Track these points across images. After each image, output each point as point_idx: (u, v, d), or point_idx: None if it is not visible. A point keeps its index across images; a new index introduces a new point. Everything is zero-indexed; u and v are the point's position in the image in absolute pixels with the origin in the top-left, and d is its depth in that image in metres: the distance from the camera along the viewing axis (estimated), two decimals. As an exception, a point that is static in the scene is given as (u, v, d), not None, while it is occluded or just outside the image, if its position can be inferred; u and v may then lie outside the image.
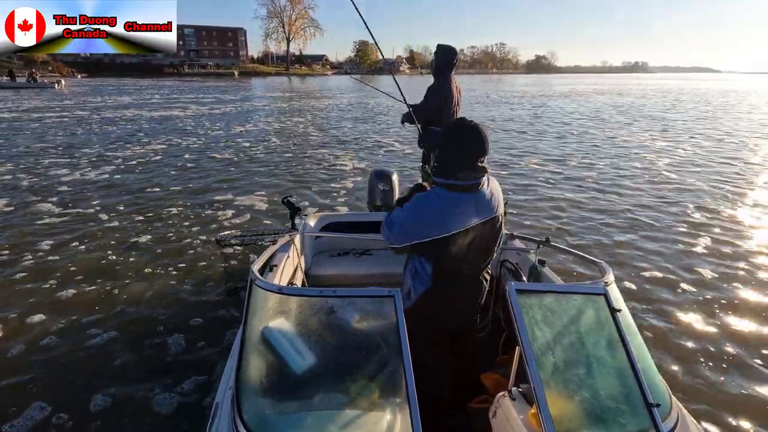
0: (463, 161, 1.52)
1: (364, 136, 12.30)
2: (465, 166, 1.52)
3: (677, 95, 33.20)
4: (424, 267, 1.65)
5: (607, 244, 4.82)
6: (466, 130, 1.55)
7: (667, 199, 6.47)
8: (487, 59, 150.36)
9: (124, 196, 6.39)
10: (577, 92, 35.56)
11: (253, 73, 70.88)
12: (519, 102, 24.69)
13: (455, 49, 3.77)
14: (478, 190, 1.57)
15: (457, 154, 1.54)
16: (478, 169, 1.54)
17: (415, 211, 1.59)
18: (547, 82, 59.26)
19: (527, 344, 1.24)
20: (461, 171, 1.52)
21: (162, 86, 36.58)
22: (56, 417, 2.38)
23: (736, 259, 4.41)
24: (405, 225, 1.59)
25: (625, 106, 22.46)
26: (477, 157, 1.53)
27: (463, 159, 1.53)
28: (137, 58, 65.61)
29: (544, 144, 11.14)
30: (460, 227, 1.54)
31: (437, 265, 1.63)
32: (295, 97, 26.69)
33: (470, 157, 1.52)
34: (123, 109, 18.66)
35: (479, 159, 1.53)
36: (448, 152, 1.56)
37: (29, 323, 3.21)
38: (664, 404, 1.35)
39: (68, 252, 4.41)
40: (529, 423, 1.31)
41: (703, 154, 9.98)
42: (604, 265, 1.66)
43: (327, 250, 3.15)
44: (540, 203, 6.23)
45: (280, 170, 8.12)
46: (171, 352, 2.90)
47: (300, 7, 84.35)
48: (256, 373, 1.40)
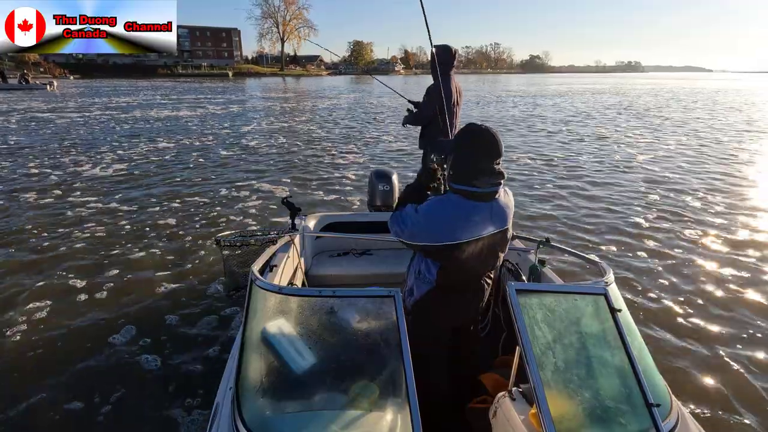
0: (480, 166, 1.51)
1: (364, 135, 12.30)
2: (483, 170, 1.51)
3: (675, 94, 33.22)
4: (429, 269, 1.64)
5: (607, 244, 4.82)
6: (479, 133, 1.54)
7: (669, 199, 6.47)
8: (481, 59, 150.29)
9: (123, 195, 6.39)
10: (575, 91, 35.60)
11: (247, 73, 70.70)
12: (518, 101, 24.71)
13: (452, 48, 3.74)
14: (495, 200, 1.56)
15: (474, 158, 1.52)
16: (495, 174, 1.52)
17: (429, 216, 1.56)
18: (543, 82, 59.25)
19: (527, 344, 1.24)
20: (479, 177, 1.51)
21: (158, 87, 36.47)
22: (55, 416, 2.38)
23: (738, 260, 4.41)
24: (418, 227, 1.56)
25: (625, 105, 22.48)
26: (493, 159, 1.52)
27: (481, 163, 1.51)
28: (130, 59, 64.89)
29: (545, 144, 11.15)
30: (472, 236, 1.52)
31: (443, 269, 1.61)
32: (291, 98, 26.69)
33: (487, 161, 1.51)
34: (119, 111, 18.66)
35: (495, 161, 1.52)
36: (464, 157, 1.54)
37: (17, 329, 3.21)
38: (664, 404, 1.35)
39: (67, 252, 4.41)
40: (529, 423, 1.31)
41: (710, 153, 9.98)
42: (604, 265, 1.65)
43: (327, 250, 3.14)
44: (541, 203, 6.23)
45: (281, 170, 8.12)
46: (171, 353, 2.90)
47: (294, 7, 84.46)
48: (256, 374, 1.40)
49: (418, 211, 1.59)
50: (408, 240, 1.59)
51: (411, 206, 1.62)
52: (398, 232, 1.62)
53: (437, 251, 1.56)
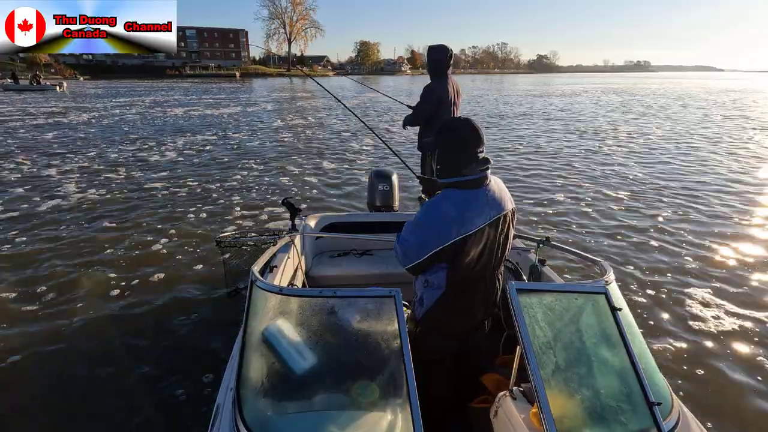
0: (463, 155, 1.51)
1: (364, 134, 12.30)
2: (467, 159, 1.51)
3: (687, 94, 32.99)
4: (437, 274, 1.59)
5: (607, 243, 4.82)
6: (458, 124, 1.55)
7: (670, 198, 6.47)
8: (488, 59, 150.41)
9: (123, 195, 6.39)
10: (586, 91, 35.53)
11: (254, 74, 70.92)
12: (526, 100, 24.71)
13: (447, 48, 3.72)
14: (486, 186, 1.55)
15: (456, 148, 1.52)
16: (480, 161, 1.52)
17: (427, 218, 1.55)
18: (552, 82, 59.23)
19: (528, 343, 1.24)
20: (465, 166, 1.51)
21: (165, 88, 36.44)
22: (55, 416, 2.38)
23: (739, 260, 4.42)
24: (420, 235, 1.53)
25: (635, 104, 22.48)
26: (476, 147, 1.52)
27: (464, 153, 1.51)
28: (139, 60, 65.57)
29: (547, 144, 11.15)
30: (475, 227, 1.50)
31: (452, 270, 1.57)
32: (298, 98, 26.68)
33: (470, 149, 1.51)
34: (122, 111, 18.67)
35: (478, 149, 1.52)
36: (447, 149, 1.55)
37: (16, 329, 3.21)
38: (665, 403, 1.35)
39: (67, 251, 4.41)
40: (530, 422, 1.31)
41: (714, 153, 9.98)
42: (605, 264, 1.65)
43: (327, 250, 3.14)
44: (541, 203, 6.23)
45: (281, 171, 8.12)
46: (171, 353, 2.90)
47: (301, 8, 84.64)
48: (257, 374, 1.40)
49: (414, 221, 1.58)
50: (417, 255, 1.54)
51: (407, 223, 1.61)
52: (405, 252, 1.57)
53: (446, 252, 1.51)
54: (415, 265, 1.57)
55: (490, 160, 1.56)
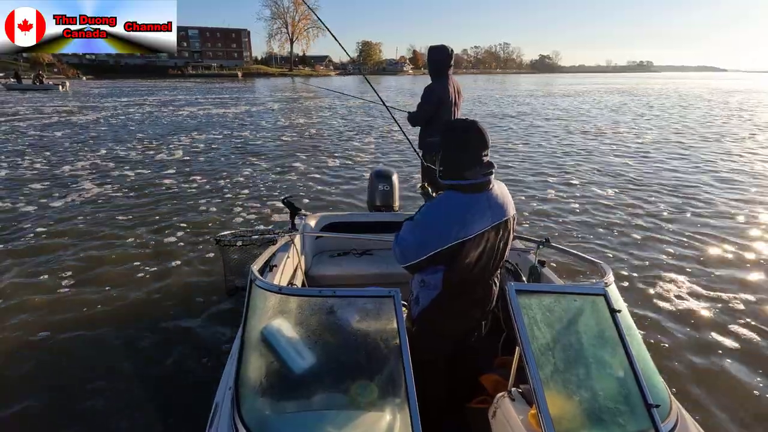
0: (467, 158, 1.50)
1: (366, 136, 12.30)
2: (471, 162, 1.49)
3: (691, 93, 32.81)
4: (433, 276, 1.59)
5: (608, 244, 4.82)
6: (464, 126, 1.54)
7: (671, 199, 6.47)
8: (490, 59, 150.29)
9: (122, 195, 6.40)
10: (588, 91, 35.50)
11: (256, 74, 70.97)
12: (530, 101, 24.70)
13: (448, 48, 3.71)
14: (489, 190, 1.53)
15: (461, 150, 1.51)
16: (484, 165, 1.51)
17: (428, 218, 1.54)
18: (555, 82, 59.18)
19: (527, 344, 1.24)
20: (468, 168, 1.49)
21: (168, 88, 36.37)
22: (54, 416, 2.38)
23: (739, 261, 4.41)
24: (419, 235, 1.53)
25: (637, 105, 22.46)
26: (480, 150, 1.50)
27: (468, 155, 1.50)
28: (142, 60, 65.60)
29: (548, 144, 11.14)
30: (475, 231, 1.48)
31: (448, 273, 1.56)
32: (301, 98, 26.68)
33: (474, 152, 1.50)
34: (124, 110, 18.67)
35: (483, 152, 1.51)
36: (451, 151, 1.53)
37: (15, 328, 3.21)
38: (663, 405, 1.35)
39: (66, 251, 4.42)
40: (528, 423, 1.31)
41: (725, 153, 9.96)
42: (604, 265, 1.65)
43: (327, 250, 3.15)
44: (541, 204, 6.23)
45: (287, 169, 8.13)
46: (170, 352, 2.89)
47: (303, 8, 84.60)
48: (255, 374, 1.40)
49: (414, 220, 1.57)
50: (414, 255, 1.53)
51: (406, 223, 1.61)
52: (403, 252, 1.57)
53: (443, 254, 1.50)
54: (413, 264, 1.56)
55: (495, 165, 1.54)
